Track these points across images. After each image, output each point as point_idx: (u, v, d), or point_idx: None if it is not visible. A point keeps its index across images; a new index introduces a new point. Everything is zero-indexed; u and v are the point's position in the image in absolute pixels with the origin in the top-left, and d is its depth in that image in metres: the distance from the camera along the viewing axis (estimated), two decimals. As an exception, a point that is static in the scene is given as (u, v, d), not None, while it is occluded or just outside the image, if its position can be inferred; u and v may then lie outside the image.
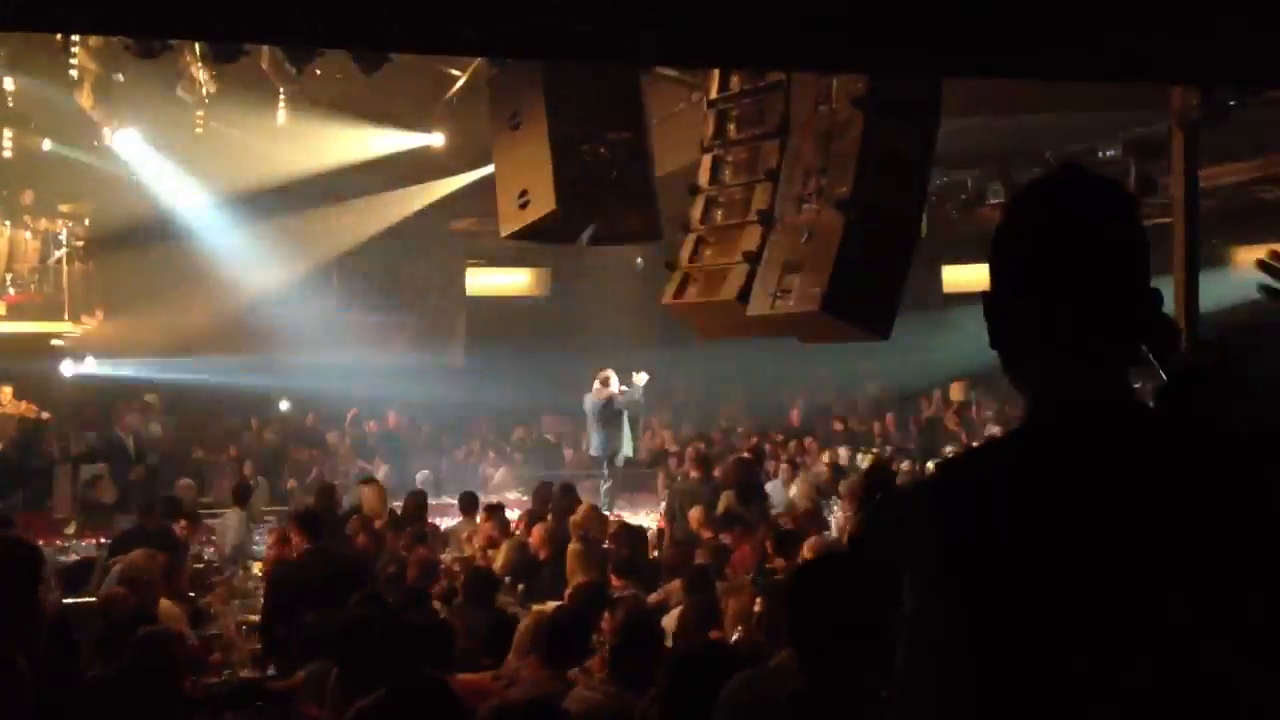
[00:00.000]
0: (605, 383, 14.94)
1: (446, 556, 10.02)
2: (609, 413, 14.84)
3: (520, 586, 9.16)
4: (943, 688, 1.61)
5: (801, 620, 3.20)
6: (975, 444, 2.19)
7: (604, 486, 14.72)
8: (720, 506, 10.47)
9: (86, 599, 8.94)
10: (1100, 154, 11.94)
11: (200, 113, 13.27)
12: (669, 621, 7.00)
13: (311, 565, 8.11)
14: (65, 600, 8.90)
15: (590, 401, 15.03)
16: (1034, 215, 1.76)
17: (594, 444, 15.12)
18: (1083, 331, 1.68)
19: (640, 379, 15.26)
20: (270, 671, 7.07)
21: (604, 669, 5.62)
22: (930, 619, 1.64)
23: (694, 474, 11.89)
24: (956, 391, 19.74)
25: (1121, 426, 1.65)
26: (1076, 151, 11.80)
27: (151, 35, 7.54)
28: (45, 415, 16.44)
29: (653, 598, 7.95)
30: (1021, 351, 1.74)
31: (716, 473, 12.09)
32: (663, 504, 12.92)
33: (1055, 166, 1.81)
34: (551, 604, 7.35)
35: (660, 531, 11.18)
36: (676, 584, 8.02)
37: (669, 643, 6.46)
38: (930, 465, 12.00)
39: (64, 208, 17.34)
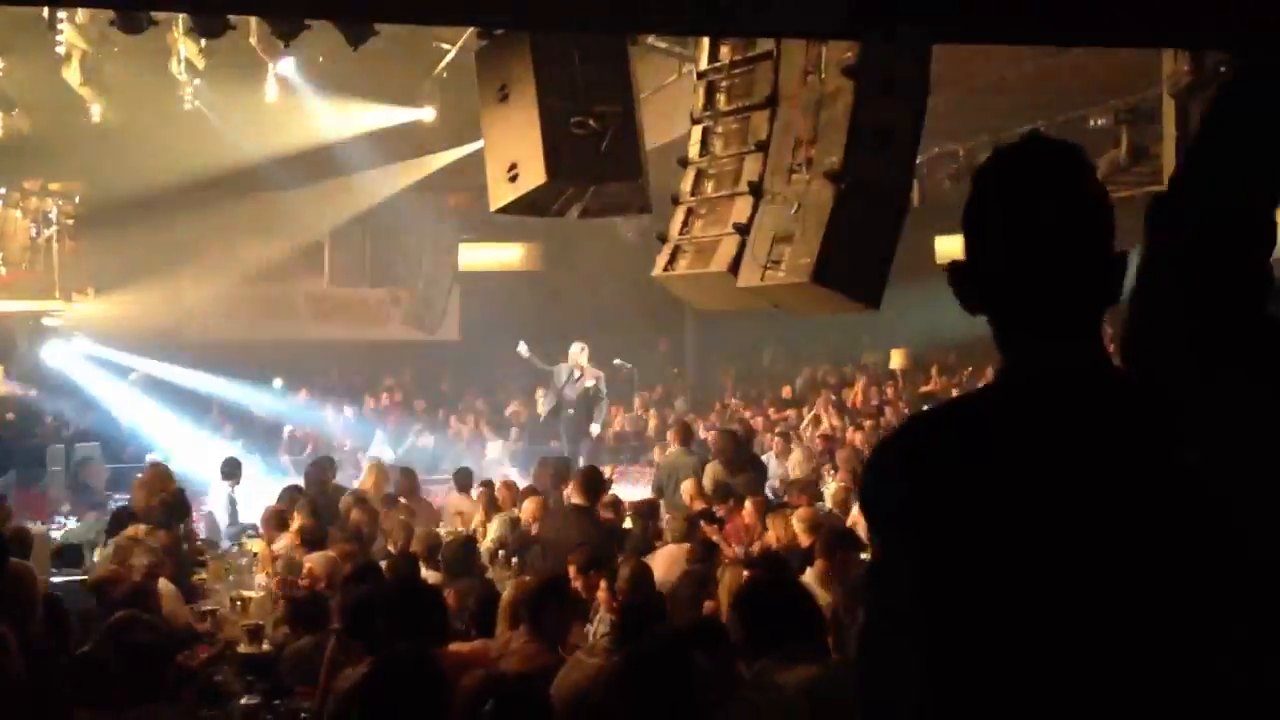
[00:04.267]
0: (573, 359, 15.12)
1: (441, 531, 10.05)
2: (572, 394, 15.03)
3: (514, 560, 9.18)
4: (902, 646, 1.61)
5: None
6: (947, 401, 2.22)
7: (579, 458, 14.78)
8: (706, 478, 10.47)
9: (79, 577, 8.96)
10: (1092, 123, 11.90)
11: (190, 89, 13.22)
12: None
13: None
14: (55, 579, 8.92)
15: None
16: (996, 185, 1.78)
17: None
18: (1047, 298, 1.70)
19: (522, 349, 15.37)
20: (265, 647, 7.08)
21: (610, 634, 5.64)
22: (894, 575, 1.64)
23: (677, 446, 11.87)
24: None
25: (1087, 394, 1.65)
26: (1068, 121, 11.75)
27: (135, 6, 7.49)
28: (33, 393, 16.37)
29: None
30: (993, 317, 1.76)
31: (708, 441, 12.09)
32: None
33: (1019, 137, 1.82)
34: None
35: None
36: (658, 555, 8.08)
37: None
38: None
39: (54, 186, 17.29)
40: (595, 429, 15.29)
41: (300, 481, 11.51)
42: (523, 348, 15.40)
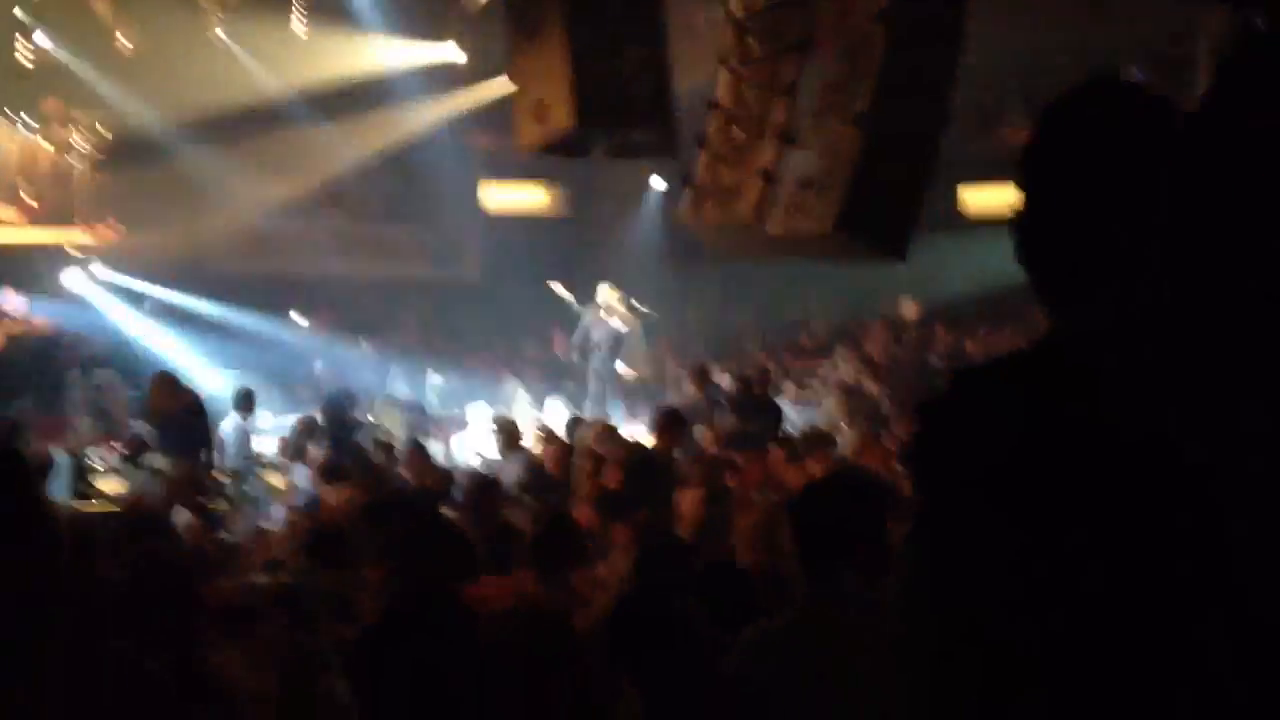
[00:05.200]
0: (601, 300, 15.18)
1: (457, 470, 10.11)
2: (600, 336, 15.13)
3: (532, 501, 9.22)
4: (924, 607, 1.60)
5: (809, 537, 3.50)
6: (996, 356, 2.14)
7: (607, 400, 14.90)
8: (722, 423, 10.50)
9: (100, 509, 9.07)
10: (1124, 74, 11.77)
11: (218, 21, 13.17)
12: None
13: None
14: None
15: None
16: (1059, 130, 1.69)
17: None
18: (1090, 252, 1.61)
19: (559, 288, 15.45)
20: (284, 579, 7.13)
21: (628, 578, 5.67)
22: (928, 532, 1.62)
23: (693, 390, 11.89)
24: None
25: (1133, 358, 1.53)
26: (1100, 71, 11.62)
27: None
28: (45, 323, 16.36)
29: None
30: (1046, 271, 1.67)
31: (725, 385, 12.11)
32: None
33: (1087, 79, 1.73)
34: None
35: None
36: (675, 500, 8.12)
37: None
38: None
39: (78, 114, 17.26)
40: (622, 368, 15.39)
41: (319, 415, 11.56)
42: (559, 288, 15.46)
